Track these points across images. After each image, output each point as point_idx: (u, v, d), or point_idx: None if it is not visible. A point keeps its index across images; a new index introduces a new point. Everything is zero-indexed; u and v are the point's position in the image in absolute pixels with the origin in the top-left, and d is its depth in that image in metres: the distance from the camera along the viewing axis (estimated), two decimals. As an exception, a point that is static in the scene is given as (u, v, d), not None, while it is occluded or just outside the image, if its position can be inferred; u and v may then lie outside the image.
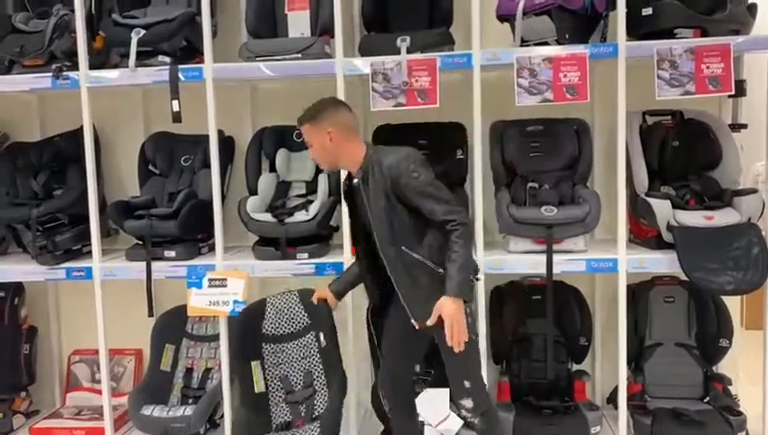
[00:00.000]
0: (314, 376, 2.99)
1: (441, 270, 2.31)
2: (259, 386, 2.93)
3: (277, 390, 2.97)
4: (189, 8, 3.15)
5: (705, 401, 3.10)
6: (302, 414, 2.94)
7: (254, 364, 2.94)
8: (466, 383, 2.45)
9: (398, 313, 2.47)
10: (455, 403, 2.51)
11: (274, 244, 3.05)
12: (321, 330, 2.95)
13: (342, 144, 2.39)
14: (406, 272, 2.33)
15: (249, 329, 2.98)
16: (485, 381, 2.78)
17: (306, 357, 3.01)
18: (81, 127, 3.13)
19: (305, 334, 3.01)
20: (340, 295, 2.76)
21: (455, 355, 2.35)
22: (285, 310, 3.02)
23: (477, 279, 2.55)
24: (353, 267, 2.70)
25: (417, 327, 2.38)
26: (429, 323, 2.30)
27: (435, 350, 2.53)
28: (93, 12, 3.24)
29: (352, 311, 3.06)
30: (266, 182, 3.26)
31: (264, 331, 2.99)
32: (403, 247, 2.32)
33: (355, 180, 2.38)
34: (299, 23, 3.21)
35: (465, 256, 2.26)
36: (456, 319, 2.23)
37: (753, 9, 2.91)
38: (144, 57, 3.06)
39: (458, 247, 2.24)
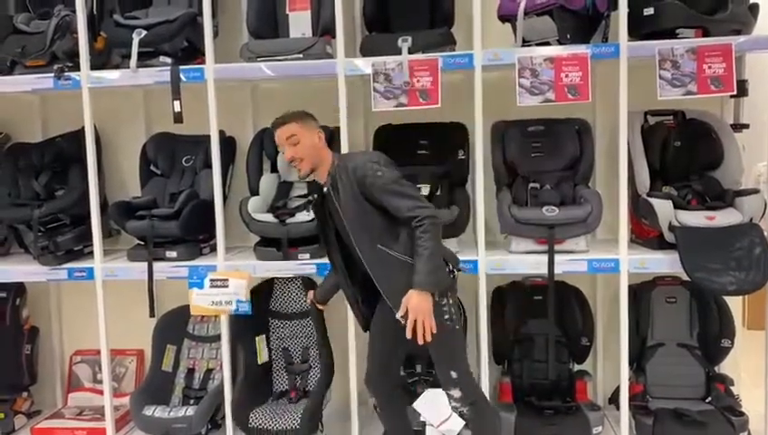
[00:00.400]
0: (311, 353, 3.36)
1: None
2: (263, 357, 3.29)
3: (279, 359, 3.36)
4: (191, 9, 3.16)
5: (706, 401, 3.10)
6: (297, 385, 3.30)
7: (260, 338, 3.30)
8: (453, 374, 2.49)
9: (383, 309, 2.56)
10: (446, 395, 2.55)
11: (276, 244, 3.05)
12: (314, 315, 3.16)
13: (324, 148, 2.53)
14: (384, 269, 2.41)
15: (257, 305, 3.22)
16: (488, 378, 2.80)
17: (305, 336, 3.38)
18: (83, 127, 3.13)
19: (305, 317, 3.37)
20: (323, 303, 2.90)
21: (440, 346, 2.44)
22: (290, 292, 3.41)
23: (458, 270, 2.56)
24: (331, 277, 2.79)
25: (402, 322, 2.39)
26: (398, 315, 2.35)
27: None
28: (95, 12, 3.23)
29: (352, 318, 3.05)
30: (268, 182, 3.26)
31: (270, 307, 3.38)
32: (379, 246, 2.39)
33: (325, 188, 2.48)
34: (300, 23, 3.21)
35: (431, 248, 2.30)
36: (421, 311, 2.28)
37: (754, 9, 2.90)
38: (145, 58, 3.06)
39: (424, 241, 2.30)
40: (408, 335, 2.33)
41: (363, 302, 2.62)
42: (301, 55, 2.98)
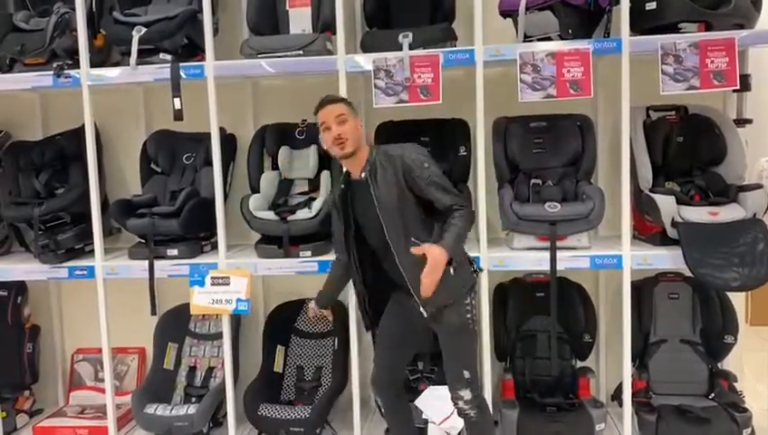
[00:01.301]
0: (323, 372, 3.42)
1: (452, 261, 2.36)
2: (278, 366, 3.41)
3: (291, 375, 3.44)
4: (190, 6, 3.14)
5: (710, 397, 3.09)
6: (305, 401, 3.32)
7: (280, 348, 3.44)
8: (466, 374, 2.48)
9: (398, 309, 2.54)
10: (455, 398, 2.52)
11: (277, 242, 3.04)
12: (337, 336, 3.35)
13: (362, 137, 2.49)
14: (415, 264, 2.32)
15: (284, 320, 3.47)
16: (490, 375, 2.79)
17: (321, 356, 3.45)
18: (83, 125, 3.12)
19: (325, 338, 3.46)
20: (326, 308, 2.89)
21: (458, 344, 2.47)
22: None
23: (480, 269, 2.60)
24: (331, 281, 2.76)
25: (425, 315, 2.40)
26: (415, 251, 2.29)
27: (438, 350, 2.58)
28: (94, 10, 3.23)
29: (356, 314, 3.05)
30: (268, 180, 3.25)
31: (295, 324, 3.49)
32: (413, 239, 2.36)
33: (363, 175, 2.41)
34: (300, 19, 3.20)
35: (461, 228, 2.33)
36: (437, 263, 2.24)
37: (757, 3, 2.88)
38: (145, 55, 3.05)
39: (457, 221, 2.33)
40: (425, 280, 2.25)
41: (369, 303, 2.60)
42: (301, 52, 2.97)
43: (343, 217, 2.52)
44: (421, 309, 2.40)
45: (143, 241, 3.17)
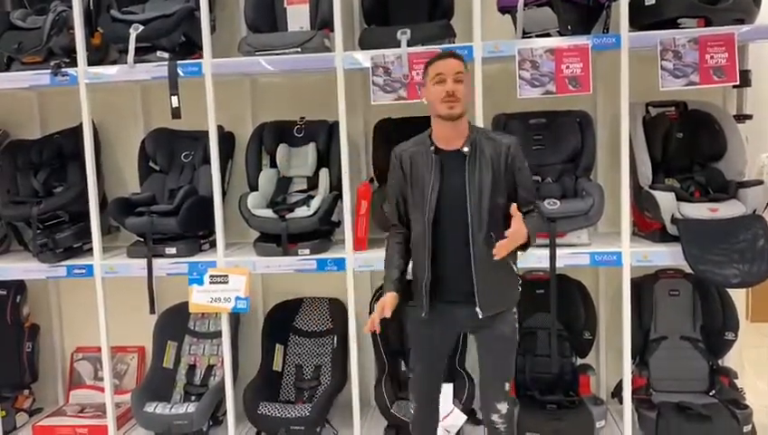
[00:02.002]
0: (322, 371, 3.40)
1: (513, 266, 2.36)
2: (277, 365, 3.39)
3: (290, 374, 3.41)
4: (188, 3, 3.12)
5: (710, 394, 3.08)
6: (304, 399, 3.33)
7: (279, 347, 3.41)
8: (506, 386, 2.39)
9: (444, 318, 2.35)
10: (490, 410, 2.39)
11: (276, 240, 3.03)
12: (337, 334, 3.36)
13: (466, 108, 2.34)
14: (488, 261, 2.23)
15: (283, 318, 3.46)
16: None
17: (320, 355, 3.43)
18: (81, 124, 3.11)
19: (325, 336, 3.44)
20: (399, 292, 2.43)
21: (505, 356, 2.39)
22: (315, 312, 3.48)
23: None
24: (402, 253, 2.40)
25: (480, 316, 2.27)
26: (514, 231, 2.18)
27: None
28: (91, 8, 3.21)
29: (355, 312, 3.05)
30: (267, 178, 3.24)
31: (294, 323, 3.47)
32: (492, 234, 2.24)
33: (465, 148, 2.26)
34: (298, 16, 3.19)
35: (538, 226, 2.32)
36: (520, 235, 2.19)
37: (757, -2, 2.87)
38: (143, 53, 3.04)
39: (536, 219, 2.32)
40: (503, 242, 2.16)
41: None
42: (299, 49, 2.96)
43: (431, 186, 2.26)
44: (477, 309, 2.26)
45: (142, 239, 3.16)
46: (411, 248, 2.38)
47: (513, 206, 2.20)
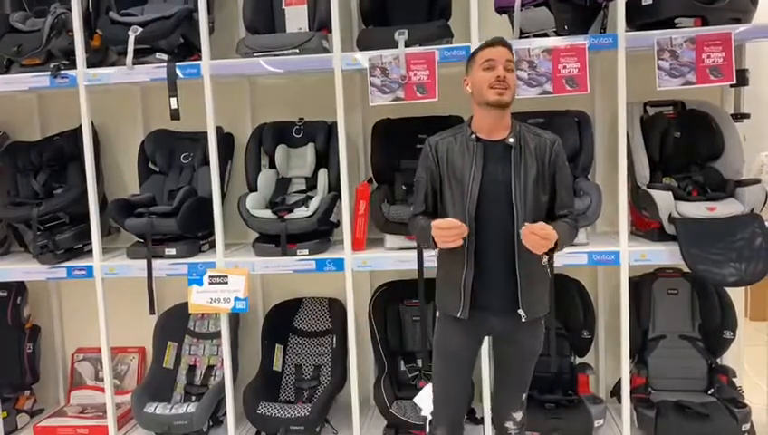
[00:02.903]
0: (322, 371, 3.41)
1: (548, 269, 2.27)
2: (277, 365, 3.41)
3: (290, 374, 3.42)
4: (186, 5, 3.14)
5: (709, 393, 3.08)
6: (304, 399, 3.33)
7: (278, 347, 3.43)
8: (523, 396, 2.37)
9: (477, 325, 2.23)
10: (504, 418, 2.38)
11: (275, 240, 3.04)
12: (336, 334, 3.36)
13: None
14: (532, 260, 2.14)
15: (282, 319, 3.46)
16: (489, 373, 2.77)
17: (320, 355, 3.44)
18: (81, 126, 3.12)
19: (324, 336, 3.45)
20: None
21: (528, 369, 2.32)
22: (314, 312, 3.49)
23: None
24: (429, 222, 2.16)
25: (523, 318, 2.16)
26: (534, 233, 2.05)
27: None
28: (90, 10, 3.22)
29: (354, 312, 3.06)
30: (266, 178, 3.25)
31: (293, 323, 3.48)
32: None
33: (510, 139, 2.16)
34: (297, 17, 3.20)
35: (572, 230, 2.21)
36: (550, 238, 2.03)
37: (754, -3, 2.87)
38: (142, 55, 3.05)
39: (570, 222, 2.21)
40: (529, 234, 2.02)
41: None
42: (297, 50, 2.96)
43: (471, 177, 2.14)
44: (520, 311, 2.15)
45: (141, 240, 3.17)
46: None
47: (530, 226, 2.04)
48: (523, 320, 2.17)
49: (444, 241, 2.08)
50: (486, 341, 2.61)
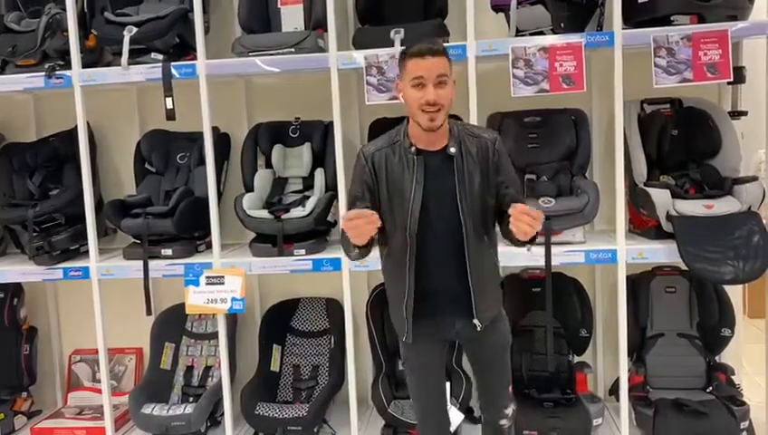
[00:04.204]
0: (320, 371, 3.41)
1: (498, 264, 2.21)
2: (274, 365, 3.40)
3: (288, 374, 3.42)
4: (182, 5, 3.13)
5: (707, 391, 3.07)
6: (301, 399, 3.32)
7: (276, 347, 3.43)
8: (509, 390, 2.36)
9: (432, 335, 2.18)
10: (497, 415, 2.36)
11: (272, 240, 3.03)
12: (334, 334, 3.36)
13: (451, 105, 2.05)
14: (483, 267, 2.09)
15: (280, 319, 3.47)
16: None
17: (318, 355, 3.44)
18: (77, 126, 3.11)
19: (322, 336, 3.45)
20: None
21: (504, 363, 2.28)
22: (312, 312, 3.49)
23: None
24: None
25: (479, 328, 2.13)
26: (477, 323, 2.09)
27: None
28: (85, 10, 3.22)
29: (351, 312, 3.05)
30: (262, 178, 3.24)
31: (291, 323, 3.48)
32: (485, 237, 2.10)
33: (451, 149, 2.03)
34: (292, 17, 3.19)
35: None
36: (539, 219, 1.89)
37: (750, -6, 2.87)
38: (137, 55, 3.04)
39: (522, 198, 2.13)
40: (525, 220, 1.87)
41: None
42: (293, 49, 2.95)
43: (412, 193, 2.02)
44: (475, 321, 2.10)
45: (138, 241, 3.16)
46: (386, 262, 2.16)
47: (516, 207, 1.90)
48: (479, 329, 2.13)
49: (356, 235, 1.88)
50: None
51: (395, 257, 2.09)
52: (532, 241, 2.02)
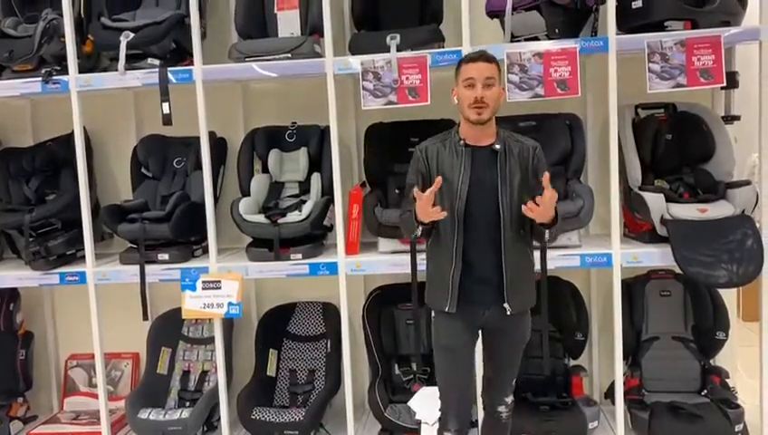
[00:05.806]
0: (316, 375, 3.40)
1: (533, 264, 2.38)
2: (271, 370, 3.39)
3: (284, 379, 3.41)
4: (178, 10, 3.14)
5: (702, 394, 3.09)
6: (298, 404, 3.32)
7: (272, 352, 3.42)
8: (513, 382, 2.51)
9: (467, 317, 2.33)
10: (497, 403, 2.51)
11: (268, 245, 3.04)
12: (330, 338, 3.35)
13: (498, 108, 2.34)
14: (517, 258, 2.29)
15: (276, 323, 3.46)
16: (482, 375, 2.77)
17: (314, 359, 3.43)
18: (73, 131, 3.11)
19: (319, 340, 3.44)
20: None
21: (518, 356, 2.45)
22: (309, 317, 3.49)
23: None
24: None
25: (508, 312, 2.30)
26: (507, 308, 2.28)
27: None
28: (82, 15, 3.23)
29: (348, 316, 3.06)
30: (259, 183, 3.25)
31: (287, 328, 3.47)
32: (521, 231, 2.31)
33: (497, 145, 2.30)
34: (288, 22, 3.20)
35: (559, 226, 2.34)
36: (551, 207, 2.22)
37: (743, 0, 2.89)
38: (134, 60, 3.05)
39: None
40: (542, 202, 2.18)
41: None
42: (289, 55, 2.97)
43: (460, 178, 2.27)
44: (506, 305, 2.28)
45: (134, 246, 3.16)
46: (433, 243, 2.37)
47: (546, 175, 2.20)
48: (509, 314, 2.29)
49: (425, 213, 2.19)
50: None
51: (443, 235, 2.31)
52: (551, 226, 2.28)
